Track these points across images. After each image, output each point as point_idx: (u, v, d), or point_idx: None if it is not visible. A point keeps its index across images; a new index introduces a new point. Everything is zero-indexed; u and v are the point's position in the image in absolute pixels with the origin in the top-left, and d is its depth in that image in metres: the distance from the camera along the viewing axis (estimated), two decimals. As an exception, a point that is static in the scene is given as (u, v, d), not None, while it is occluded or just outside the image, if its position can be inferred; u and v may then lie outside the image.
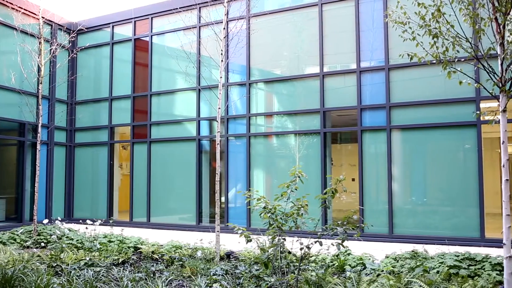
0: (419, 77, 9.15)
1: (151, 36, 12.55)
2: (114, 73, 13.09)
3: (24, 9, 11.42)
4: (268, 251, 5.02)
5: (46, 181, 12.51)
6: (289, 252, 5.16)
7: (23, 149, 11.93)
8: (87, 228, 9.14)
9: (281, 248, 5.01)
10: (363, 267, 6.34)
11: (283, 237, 5.01)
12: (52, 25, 12.85)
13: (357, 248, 7.40)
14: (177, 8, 10.76)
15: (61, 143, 13.20)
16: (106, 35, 13.36)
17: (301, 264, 5.05)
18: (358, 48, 9.73)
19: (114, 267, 6.23)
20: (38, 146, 9.82)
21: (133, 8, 12.82)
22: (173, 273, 6.10)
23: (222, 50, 7.86)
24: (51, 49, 10.79)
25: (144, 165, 12.23)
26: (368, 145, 9.56)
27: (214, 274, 5.86)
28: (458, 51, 4.89)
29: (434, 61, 5.01)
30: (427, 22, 4.90)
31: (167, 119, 12.15)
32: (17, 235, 9.29)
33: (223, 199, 11.00)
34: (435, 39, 4.89)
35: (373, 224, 8.91)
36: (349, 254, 6.91)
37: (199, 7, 11.44)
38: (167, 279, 5.65)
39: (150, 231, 10.89)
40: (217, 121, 7.68)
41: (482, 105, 8.75)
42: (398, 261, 6.46)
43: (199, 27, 11.68)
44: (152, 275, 5.88)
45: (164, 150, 12.08)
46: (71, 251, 7.47)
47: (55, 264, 6.60)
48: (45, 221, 9.89)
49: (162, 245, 8.17)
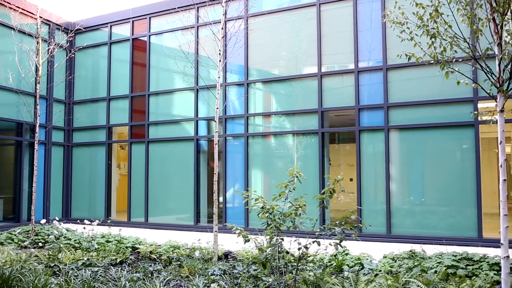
0: (417, 77, 9.16)
1: (149, 36, 12.54)
2: (112, 73, 13.08)
3: (22, 9, 11.39)
4: (266, 251, 5.02)
5: (44, 181, 12.49)
6: (287, 252, 5.16)
7: (21, 149, 11.90)
8: (85, 228, 9.13)
9: (279, 248, 5.01)
10: (361, 267, 6.34)
11: (281, 237, 5.01)
12: (50, 25, 12.82)
13: (355, 248, 7.41)
14: (175, 8, 10.76)
15: (59, 143, 13.17)
16: (104, 35, 13.34)
17: (299, 264, 5.06)
18: (356, 48, 9.74)
19: (112, 267, 6.22)
20: (36, 146, 9.80)
21: (131, 8, 12.81)
22: (171, 273, 6.10)
23: (220, 50, 7.87)
24: (49, 49, 10.76)
25: (142, 165, 12.22)
26: (366, 145, 9.57)
27: (212, 274, 5.86)
28: (456, 51, 4.90)
29: (432, 61, 5.02)
30: (425, 23, 4.91)
31: (165, 119, 12.14)
32: (15, 235, 9.27)
33: (221, 199, 10.99)
34: (433, 39, 4.90)
35: (371, 224, 8.92)
36: (347, 254, 6.92)
37: (197, 7, 11.44)
38: (165, 279, 5.65)
39: (148, 231, 10.88)
40: (215, 121, 7.68)
41: (480, 105, 8.76)
42: (396, 261, 6.47)
43: (197, 27, 11.67)
44: (150, 275, 5.87)
45: (162, 150, 12.07)
46: (69, 251, 7.46)
47: (53, 264, 6.60)
48: (43, 221, 9.87)
49: (160, 245, 8.16)
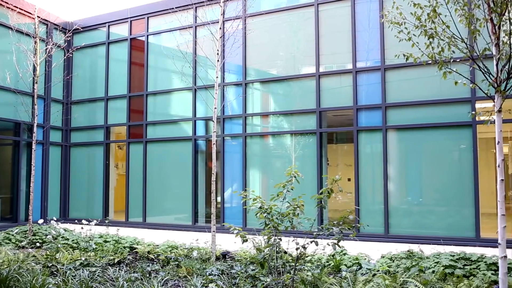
0: (415, 78, 9.17)
1: (147, 36, 12.52)
2: (110, 73, 13.06)
3: (20, 8, 11.36)
4: (264, 251, 5.02)
5: (42, 181, 12.46)
6: (285, 252, 5.16)
7: (19, 149, 11.88)
8: (83, 228, 9.12)
9: (277, 248, 5.01)
10: (359, 267, 6.35)
11: (279, 237, 5.01)
12: (48, 25, 12.79)
13: (353, 248, 7.42)
14: (173, 8, 10.74)
15: (57, 143, 13.15)
16: (102, 35, 13.31)
17: (297, 264, 5.06)
18: (354, 48, 9.75)
19: (110, 267, 6.21)
20: (34, 146, 9.78)
21: (129, 8, 12.79)
22: (169, 273, 6.10)
23: (218, 50, 7.86)
24: (47, 49, 10.74)
25: (140, 165, 12.20)
26: (364, 145, 9.58)
27: (210, 274, 5.86)
28: (454, 52, 4.90)
29: (430, 62, 5.02)
30: (423, 23, 4.91)
31: (163, 119, 12.13)
32: (12, 235, 9.24)
33: (219, 199, 10.98)
34: (431, 40, 4.90)
35: (369, 224, 8.91)
36: (345, 254, 6.92)
37: (195, 7, 11.43)
38: (163, 279, 5.64)
39: (146, 231, 10.87)
40: (213, 121, 7.67)
41: (478, 106, 8.78)
42: (394, 261, 6.48)
43: (195, 27, 11.66)
44: (148, 275, 5.87)
45: (160, 150, 12.06)
46: (67, 251, 7.44)
47: (51, 264, 6.58)
48: (41, 221, 9.85)
49: (158, 245, 8.15)
